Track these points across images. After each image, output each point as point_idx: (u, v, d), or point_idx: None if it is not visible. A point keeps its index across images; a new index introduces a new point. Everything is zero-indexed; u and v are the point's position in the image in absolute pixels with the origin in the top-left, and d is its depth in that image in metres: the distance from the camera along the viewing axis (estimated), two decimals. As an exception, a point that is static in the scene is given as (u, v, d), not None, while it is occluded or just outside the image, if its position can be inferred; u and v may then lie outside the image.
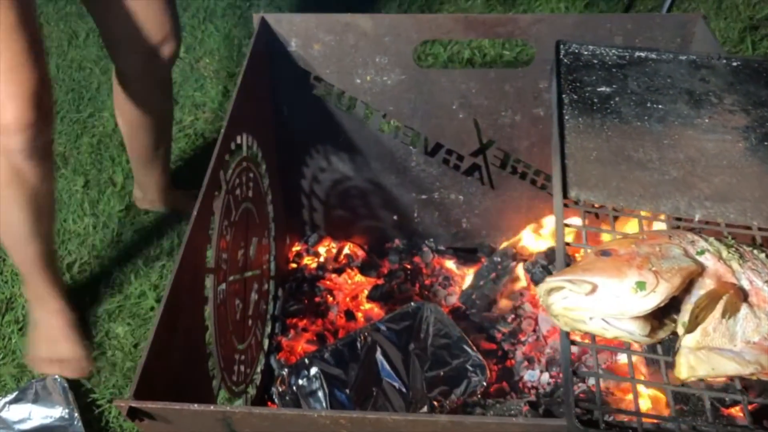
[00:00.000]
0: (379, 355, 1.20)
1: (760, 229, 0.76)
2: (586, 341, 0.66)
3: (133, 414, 0.64)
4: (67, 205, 1.73)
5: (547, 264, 1.29)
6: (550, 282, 0.63)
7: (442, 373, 1.17)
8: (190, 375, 0.83)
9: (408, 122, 1.28)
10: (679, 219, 0.78)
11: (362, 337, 1.21)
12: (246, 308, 1.10)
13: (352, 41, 1.19)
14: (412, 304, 1.27)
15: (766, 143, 0.86)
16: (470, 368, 1.16)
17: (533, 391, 1.18)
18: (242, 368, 1.06)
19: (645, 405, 1.04)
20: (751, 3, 2.32)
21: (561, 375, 1.20)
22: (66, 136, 1.95)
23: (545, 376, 1.21)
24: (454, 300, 1.35)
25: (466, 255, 1.43)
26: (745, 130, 0.88)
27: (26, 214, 1.15)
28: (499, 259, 1.36)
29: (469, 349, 1.19)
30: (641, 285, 0.60)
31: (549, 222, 1.37)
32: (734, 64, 0.98)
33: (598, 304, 0.61)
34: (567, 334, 0.65)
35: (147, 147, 1.49)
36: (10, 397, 1.27)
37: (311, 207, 1.41)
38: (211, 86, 2.15)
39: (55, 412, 1.25)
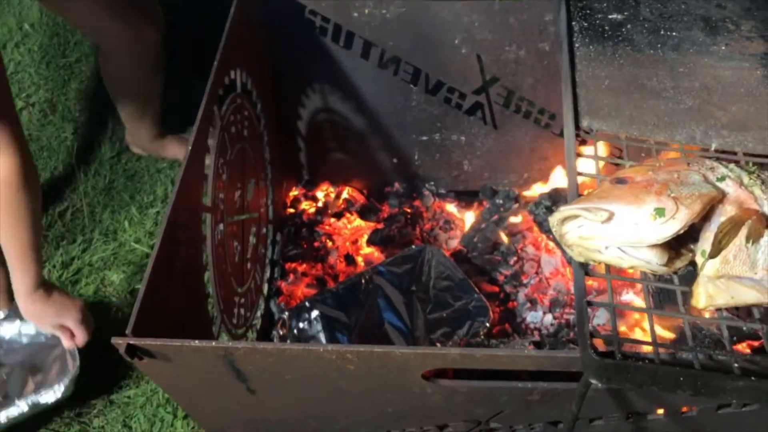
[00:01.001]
0: (380, 299, 1.18)
1: (775, 157, 0.73)
2: (599, 272, 0.64)
3: (132, 352, 0.62)
4: (56, 153, 1.69)
5: (551, 205, 1.27)
6: (565, 210, 0.61)
7: (444, 315, 1.15)
8: (189, 315, 0.81)
9: (408, 59, 1.23)
10: (696, 149, 0.74)
11: (364, 281, 1.19)
12: (245, 251, 1.08)
13: (349, -28, 1.13)
14: (413, 247, 1.25)
15: (785, 70, 0.83)
16: (473, 310, 1.15)
17: (536, 332, 1.17)
18: (242, 311, 1.05)
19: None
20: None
21: (564, 316, 1.19)
22: (53, 82, 1.88)
23: (548, 318, 1.19)
24: (455, 243, 1.33)
25: (467, 198, 1.40)
26: (763, 57, 0.85)
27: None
28: (501, 201, 1.33)
29: (471, 292, 1.17)
30: (660, 211, 0.57)
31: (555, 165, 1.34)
32: (752, -12, 0.93)
33: (615, 232, 0.58)
34: (581, 264, 0.62)
35: (135, 108, 1.46)
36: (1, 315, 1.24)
37: (308, 150, 1.37)
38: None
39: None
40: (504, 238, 1.31)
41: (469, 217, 1.37)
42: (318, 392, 0.72)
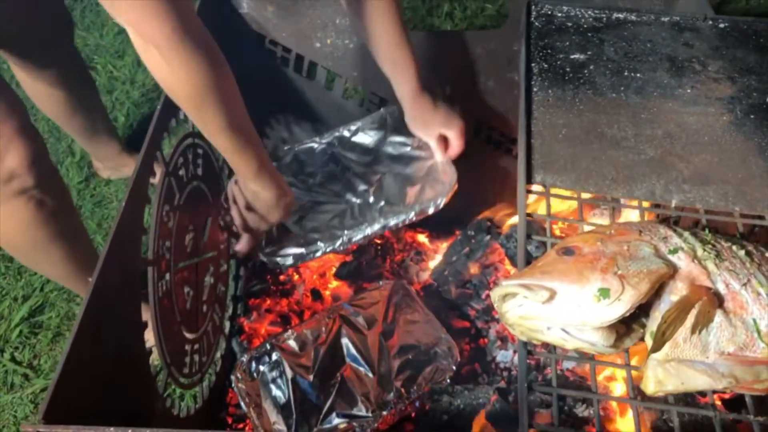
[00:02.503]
0: (344, 339, 1.14)
1: (742, 215, 0.69)
2: (544, 351, 0.60)
3: (45, 439, 0.58)
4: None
5: (518, 263, 1.22)
6: (505, 287, 0.57)
7: (410, 357, 1.11)
8: (125, 377, 0.77)
9: (374, 89, 1.19)
10: (656, 206, 0.71)
11: (327, 320, 1.15)
12: (199, 294, 1.03)
13: (309, 1, 1.09)
14: (381, 283, 1.21)
15: (752, 116, 0.79)
16: (440, 352, 1.11)
17: (505, 373, 1.13)
18: (196, 357, 1.00)
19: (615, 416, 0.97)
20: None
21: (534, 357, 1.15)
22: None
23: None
24: (426, 276, 1.29)
25: (438, 228, 1.36)
26: (730, 101, 0.81)
27: (64, 243, 1.07)
28: (472, 233, 1.29)
29: (439, 332, 1.13)
30: (605, 292, 0.53)
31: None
32: (721, 26, 0.89)
33: (557, 313, 0.54)
34: (524, 343, 0.58)
35: (81, 126, 1.43)
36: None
37: (274, 180, 1.33)
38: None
39: None
40: (475, 270, 1.27)
41: (440, 248, 1.34)
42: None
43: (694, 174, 0.73)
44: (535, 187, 0.71)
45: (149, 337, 0.83)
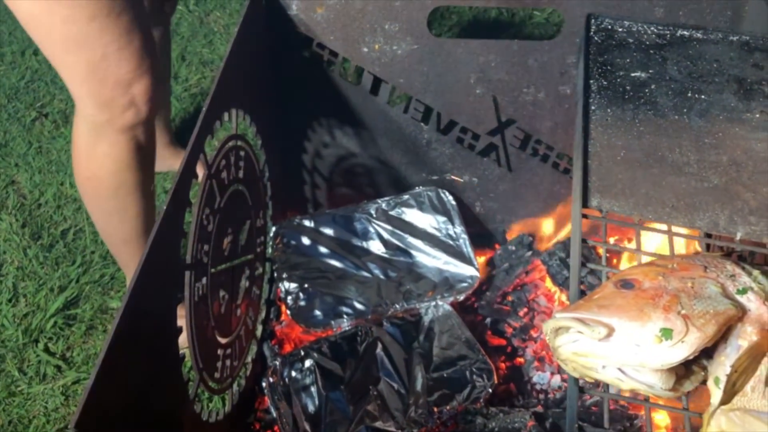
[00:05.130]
0: (379, 351, 1.12)
1: (812, 252, 0.65)
2: (598, 390, 0.56)
3: (77, 443, 0.57)
4: (65, 167, 1.66)
5: (566, 257, 1.19)
6: (559, 319, 0.54)
7: (445, 375, 1.08)
8: (157, 385, 0.76)
9: (420, 96, 1.17)
10: (718, 237, 0.67)
11: (363, 332, 1.13)
12: (234, 298, 1.02)
13: (359, 5, 1.08)
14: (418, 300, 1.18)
15: (826, 145, 0.74)
16: (476, 371, 1.08)
17: (542, 396, 1.10)
18: (227, 362, 0.99)
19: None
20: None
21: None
22: (67, 92, 1.85)
23: (556, 379, 1.12)
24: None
25: (478, 241, 1.32)
26: (802, 129, 0.76)
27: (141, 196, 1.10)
28: (513, 248, 1.26)
29: (476, 351, 1.10)
30: (667, 333, 0.50)
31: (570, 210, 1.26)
32: (794, 47, 0.85)
33: (615, 351, 0.51)
34: (576, 380, 0.55)
35: None
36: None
37: (314, 184, 1.31)
38: (220, 42, 2.04)
39: None
40: (514, 286, 1.24)
41: (479, 262, 1.30)
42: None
43: (761, 205, 0.69)
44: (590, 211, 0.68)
45: (183, 342, 0.82)
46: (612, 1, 1.03)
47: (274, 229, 1.23)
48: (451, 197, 1.25)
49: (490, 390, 1.05)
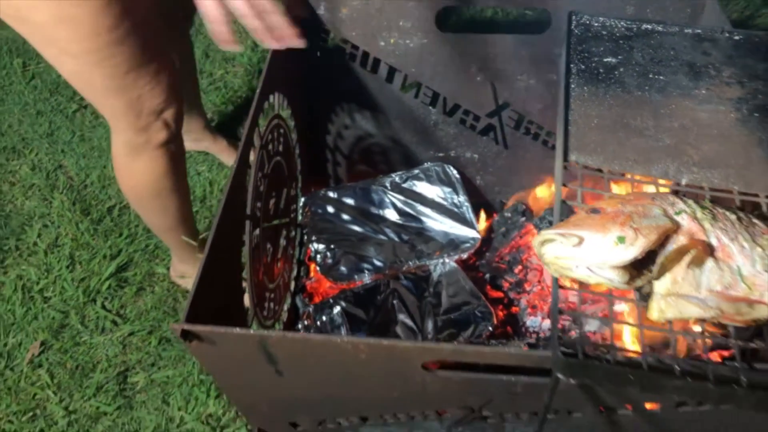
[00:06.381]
0: (396, 300, 1.31)
1: (740, 193, 0.84)
2: (574, 286, 0.76)
3: (185, 336, 0.76)
4: (106, 153, 1.85)
5: (554, 220, 1.38)
6: (544, 234, 0.73)
7: (452, 317, 1.28)
8: (228, 307, 0.95)
9: (428, 83, 1.36)
10: (667, 182, 0.86)
11: (383, 285, 1.33)
12: (276, 252, 1.22)
13: (378, 5, 1.26)
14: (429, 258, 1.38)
15: (756, 114, 0.94)
16: (478, 314, 1.27)
17: (534, 335, 1.29)
18: (271, 305, 1.18)
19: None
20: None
21: (561, 322, 1.31)
22: (104, 86, 2.04)
23: (546, 323, 1.31)
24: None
25: (479, 210, 1.52)
26: (738, 102, 0.96)
27: (179, 195, 1.26)
28: (509, 215, 1.45)
29: (478, 298, 1.30)
30: (621, 239, 0.70)
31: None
32: (736, 38, 1.04)
33: (584, 254, 0.70)
34: (557, 279, 0.75)
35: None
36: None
37: (335, 161, 1.51)
38: (241, 39, 2.22)
39: None
40: (510, 248, 1.43)
41: (481, 228, 1.50)
42: (335, 376, 0.85)
43: (702, 159, 0.88)
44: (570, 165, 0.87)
45: (244, 279, 1.01)
46: (591, 1, 1.22)
47: (303, 199, 1.42)
48: (455, 171, 1.44)
49: (491, 329, 1.25)
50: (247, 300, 1.02)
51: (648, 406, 0.88)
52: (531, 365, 0.73)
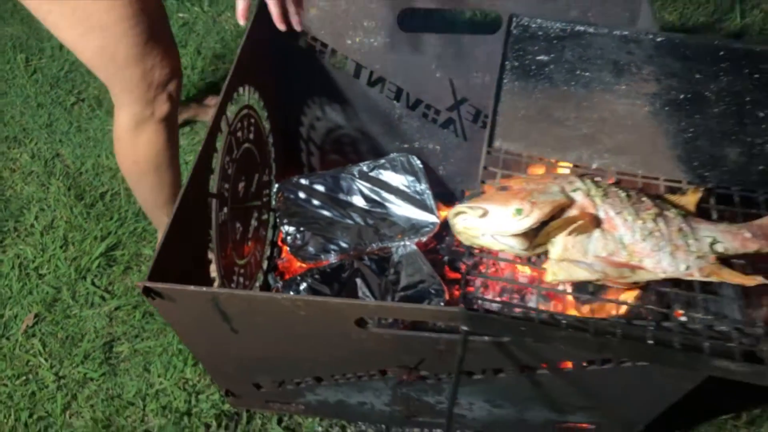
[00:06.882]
0: (358, 278, 1.42)
1: (643, 176, 0.95)
2: (483, 252, 0.87)
3: (147, 292, 0.88)
4: (101, 143, 1.97)
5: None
6: (457, 207, 0.84)
7: (409, 294, 1.39)
8: (194, 274, 1.06)
9: (392, 79, 1.47)
10: (578, 166, 0.97)
11: (347, 264, 1.44)
12: (246, 232, 1.33)
13: (344, 6, 1.38)
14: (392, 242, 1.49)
15: (666, 108, 1.04)
16: (432, 291, 1.38)
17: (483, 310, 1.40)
18: (241, 279, 1.30)
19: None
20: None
21: (510, 300, 1.42)
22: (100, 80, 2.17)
23: (497, 300, 1.42)
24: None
25: (442, 198, 1.63)
26: (653, 96, 1.06)
27: (174, 169, 1.37)
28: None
29: (433, 278, 1.41)
30: (519, 211, 0.81)
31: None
32: (658, 39, 1.15)
33: (488, 224, 0.82)
34: (468, 246, 0.86)
35: None
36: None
37: (309, 151, 1.62)
38: (231, 39, 2.35)
39: None
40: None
41: (442, 215, 1.61)
42: (282, 335, 0.97)
43: (614, 147, 0.99)
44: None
45: (210, 253, 1.13)
46: (537, 3, 1.33)
47: (276, 185, 1.54)
48: (418, 161, 1.56)
49: (443, 303, 1.36)
50: (213, 270, 1.14)
51: (562, 364, 0.99)
52: (444, 321, 0.85)
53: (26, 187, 1.86)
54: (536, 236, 0.83)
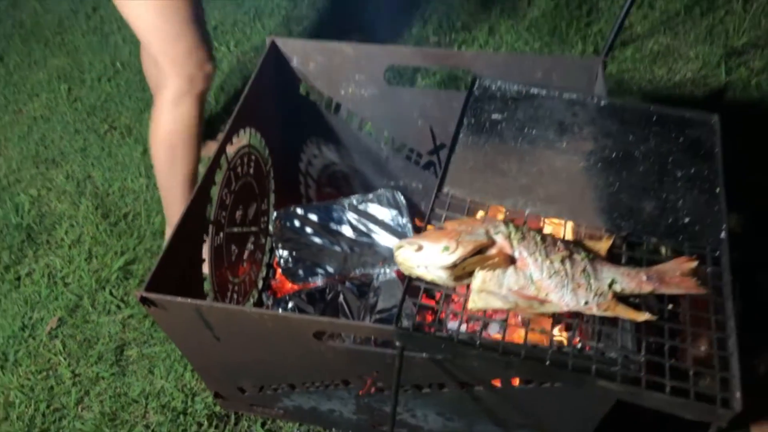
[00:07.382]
0: (341, 300, 1.60)
1: (566, 222, 1.12)
2: (421, 281, 1.04)
3: (144, 301, 1.06)
4: (128, 168, 2.20)
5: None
6: (399, 243, 1.02)
7: (385, 317, 1.56)
8: (189, 288, 1.25)
9: (380, 125, 1.66)
10: (512, 212, 1.14)
11: (331, 287, 1.62)
12: (242, 254, 1.52)
13: (338, 61, 1.58)
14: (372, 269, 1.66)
15: (599, 164, 1.21)
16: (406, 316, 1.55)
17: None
18: (235, 296, 1.49)
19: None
20: (741, 29, 2.55)
21: (475, 328, 1.57)
22: (132, 111, 2.41)
23: (463, 327, 1.58)
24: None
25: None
26: (589, 154, 1.23)
27: (198, 145, 1.59)
28: (446, 237, 1.73)
29: (407, 302, 1.58)
30: (447, 248, 0.98)
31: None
32: (602, 104, 1.32)
33: (422, 258, 0.99)
34: (407, 276, 1.03)
35: None
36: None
37: (306, 184, 1.82)
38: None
39: None
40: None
41: (424, 247, 1.78)
42: (256, 344, 1.15)
43: (546, 197, 1.16)
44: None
45: (205, 269, 1.32)
46: (506, 66, 1.51)
47: (275, 213, 1.73)
48: (402, 197, 1.74)
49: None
50: (207, 286, 1.33)
51: (494, 382, 1.14)
52: (382, 338, 1.01)
53: (59, 204, 2.09)
54: (464, 273, 1.00)
